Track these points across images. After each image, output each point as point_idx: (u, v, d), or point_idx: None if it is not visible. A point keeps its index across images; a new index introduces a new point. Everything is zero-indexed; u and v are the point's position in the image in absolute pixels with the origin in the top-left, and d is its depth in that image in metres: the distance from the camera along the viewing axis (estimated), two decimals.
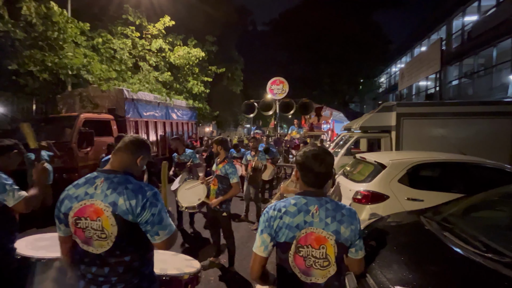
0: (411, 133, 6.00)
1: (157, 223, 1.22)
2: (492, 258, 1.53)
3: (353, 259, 1.24)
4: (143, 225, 1.21)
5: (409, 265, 1.68)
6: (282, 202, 1.24)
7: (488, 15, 12.23)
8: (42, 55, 6.38)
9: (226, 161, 3.07)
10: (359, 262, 1.25)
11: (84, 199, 1.22)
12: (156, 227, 1.22)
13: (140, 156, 1.34)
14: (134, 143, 1.33)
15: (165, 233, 1.23)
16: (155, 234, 1.22)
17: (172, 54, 10.93)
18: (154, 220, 1.21)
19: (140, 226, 1.21)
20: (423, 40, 18.41)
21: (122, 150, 1.32)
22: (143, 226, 1.21)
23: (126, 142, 1.33)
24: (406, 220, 2.39)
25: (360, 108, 30.13)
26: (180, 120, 9.98)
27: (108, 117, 6.69)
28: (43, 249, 1.84)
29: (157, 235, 1.22)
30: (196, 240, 4.22)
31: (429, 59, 11.30)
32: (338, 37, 24.55)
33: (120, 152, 1.32)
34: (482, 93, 12.10)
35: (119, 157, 1.31)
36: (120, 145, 1.33)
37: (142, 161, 1.35)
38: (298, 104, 9.40)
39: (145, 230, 1.22)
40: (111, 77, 7.71)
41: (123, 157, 1.31)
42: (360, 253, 1.23)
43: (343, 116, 17.22)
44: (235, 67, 17.94)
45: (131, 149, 1.32)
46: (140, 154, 1.34)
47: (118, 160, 1.31)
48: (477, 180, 3.30)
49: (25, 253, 1.77)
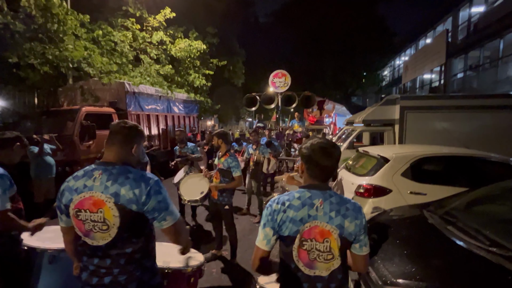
0: (414, 126, 5.95)
1: (164, 209, 1.24)
2: (496, 252, 1.52)
3: (357, 255, 1.21)
4: (150, 212, 1.22)
5: (411, 259, 1.68)
6: (286, 195, 1.23)
7: (495, 5, 11.94)
8: (43, 47, 6.33)
9: (228, 155, 3.06)
10: (364, 259, 1.21)
11: (83, 191, 1.22)
12: (164, 213, 1.24)
13: (134, 146, 1.30)
14: (125, 135, 1.28)
15: (172, 218, 1.25)
16: (162, 219, 1.24)
17: (173, 46, 10.81)
18: (161, 207, 1.23)
19: (146, 215, 1.22)
20: (429, 32, 18.07)
21: (115, 143, 1.27)
22: (150, 214, 1.22)
23: (116, 134, 1.28)
24: (409, 214, 2.38)
25: (363, 102, 29.90)
26: (182, 114, 9.96)
27: (110, 110, 6.68)
28: (49, 240, 1.88)
29: (164, 221, 1.24)
30: (198, 233, 4.25)
31: (434, 51, 11.10)
32: (342, 29, 24.14)
33: (113, 146, 1.27)
34: (487, 86, 11.92)
35: (113, 150, 1.28)
36: (111, 138, 1.28)
37: (137, 149, 1.31)
38: (301, 97, 9.32)
39: (152, 217, 1.23)
40: (112, 70, 7.66)
41: (117, 150, 1.27)
42: (364, 249, 1.20)
43: (346, 110, 17.10)
44: (236, 59, 17.73)
45: (123, 141, 1.28)
46: (134, 143, 1.30)
47: (113, 154, 1.27)
48: (481, 174, 3.27)
49: (31, 244, 1.81)
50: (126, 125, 1.30)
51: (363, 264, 1.23)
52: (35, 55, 6.25)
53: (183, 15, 12.25)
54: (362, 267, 1.24)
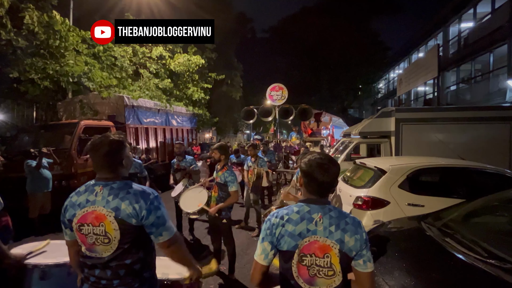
0: (410, 138, 6.02)
1: (161, 225, 1.27)
2: (494, 264, 1.52)
3: (362, 272, 1.15)
4: (148, 227, 1.26)
5: (411, 272, 1.67)
6: (285, 209, 1.23)
7: (484, 21, 12.42)
8: (44, 63, 6.44)
9: (225, 168, 3.07)
10: (370, 276, 1.15)
11: (86, 206, 1.26)
12: (161, 228, 1.27)
13: (121, 159, 1.29)
14: (107, 154, 1.24)
15: (167, 234, 1.28)
16: (159, 235, 1.27)
17: (172, 61, 11.04)
18: (159, 222, 1.26)
19: (144, 228, 1.26)
20: (421, 46, 18.64)
21: (103, 165, 1.26)
22: (147, 228, 1.26)
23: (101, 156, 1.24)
24: (407, 226, 2.38)
25: (359, 114, 30.26)
26: (180, 127, 10.01)
27: (108, 124, 6.71)
28: (41, 255, 1.85)
29: (160, 236, 1.27)
30: (196, 247, 4.18)
31: (427, 65, 11.44)
32: (337, 44, 24.84)
33: (103, 169, 1.26)
34: (480, 98, 12.19)
35: (104, 171, 1.27)
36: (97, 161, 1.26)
37: (126, 161, 1.31)
38: (298, 110, 9.45)
39: (149, 232, 1.27)
40: (112, 84, 7.77)
41: (108, 169, 1.27)
42: (369, 265, 1.15)
43: (343, 122, 17.30)
44: (234, 73, 18.08)
45: (109, 161, 1.26)
46: (120, 158, 1.28)
47: (107, 170, 1.27)
48: (477, 185, 3.30)
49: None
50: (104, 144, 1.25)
51: (370, 282, 1.15)
52: (36, 70, 6.35)
53: None
54: (369, 286, 1.15)
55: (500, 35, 10.78)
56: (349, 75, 25.54)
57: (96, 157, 1.27)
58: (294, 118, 9.67)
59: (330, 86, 26.04)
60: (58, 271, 1.74)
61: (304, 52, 26.37)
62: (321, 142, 10.63)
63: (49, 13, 6.54)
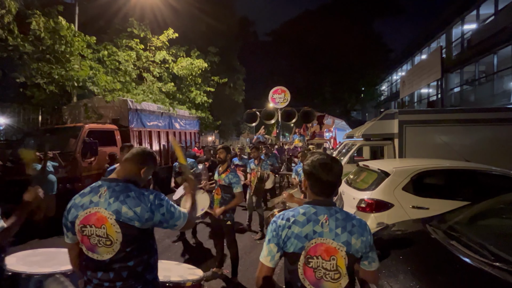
0: (413, 140, 5.97)
1: (170, 218, 1.32)
2: (501, 267, 1.49)
3: (367, 271, 1.22)
4: (159, 224, 1.30)
5: (416, 275, 1.65)
6: (291, 211, 1.23)
7: (487, 23, 12.36)
8: (50, 67, 6.54)
9: (229, 170, 3.07)
10: (374, 274, 1.24)
11: (89, 207, 1.27)
12: (171, 221, 1.33)
13: (144, 167, 1.38)
14: (140, 155, 1.39)
15: (181, 221, 1.36)
16: (173, 226, 1.34)
17: (176, 65, 11.13)
18: (167, 218, 1.31)
19: (151, 229, 1.32)
20: (423, 48, 18.58)
21: (129, 160, 1.38)
22: (159, 225, 1.30)
23: (133, 153, 1.39)
24: (412, 228, 2.35)
25: (362, 116, 30.17)
26: (183, 130, 10.06)
27: (112, 127, 6.77)
28: (36, 264, 1.81)
29: (175, 226, 1.35)
30: (198, 251, 4.17)
31: (430, 66, 11.38)
32: (340, 46, 24.89)
33: (127, 162, 1.38)
34: (484, 100, 12.09)
35: (124, 166, 1.38)
36: (128, 156, 1.40)
37: (146, 172, 1.39)
38: (300, 112, 9.46)
39: (163, 227, 1.32)
40: (116, 88, 7.85)
41: (127, 167, 1.37)
42: (374, 265, 1.21)
43: (345, 124, 17.25)
44: (237, 76, 18.17)
45: (136, 160, 1.38)
46: (145, 166, 1.39)
47: (123, 170, 1.37)
48: (482, 187, 3.25)
49: (16, 269, 1.70)
50: (144, 149, 1.45)
51: (374, 278, 1.26)
52: (42, 74, 6.45)
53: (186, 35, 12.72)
54: (373, 280, 1.28)
55: (504, 36, 10.72)
56: (351, 78, 25.51)
57: (130, 154, 1.40)
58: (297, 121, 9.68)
59: (333, 89, 26.04)
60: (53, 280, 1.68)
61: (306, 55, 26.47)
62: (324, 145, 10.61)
63: (55, 19, 6.66)
